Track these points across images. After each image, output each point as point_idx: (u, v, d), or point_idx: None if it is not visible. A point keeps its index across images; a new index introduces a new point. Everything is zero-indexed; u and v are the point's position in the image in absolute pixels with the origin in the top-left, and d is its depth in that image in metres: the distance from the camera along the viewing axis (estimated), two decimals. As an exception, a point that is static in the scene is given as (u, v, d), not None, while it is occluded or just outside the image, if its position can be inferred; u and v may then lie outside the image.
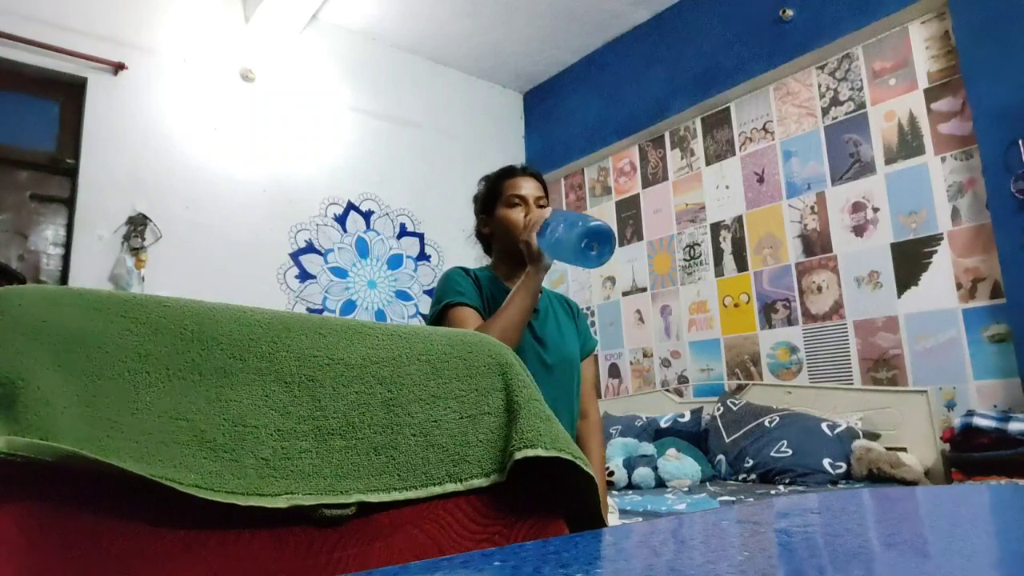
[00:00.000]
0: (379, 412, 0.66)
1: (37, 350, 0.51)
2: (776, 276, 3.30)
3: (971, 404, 2.56)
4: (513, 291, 1.31)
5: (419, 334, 0.73)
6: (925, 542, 0.51)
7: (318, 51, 3.83)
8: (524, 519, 0.71)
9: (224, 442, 0.57)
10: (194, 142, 3.29)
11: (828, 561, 0.43)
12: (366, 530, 0.63)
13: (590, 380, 1.55)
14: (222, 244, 3.28)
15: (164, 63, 3.25)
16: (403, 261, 3.99)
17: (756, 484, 2.66)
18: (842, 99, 3.12)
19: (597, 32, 4.12)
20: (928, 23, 2.85)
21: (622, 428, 3.36)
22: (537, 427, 0.70)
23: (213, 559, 0.55)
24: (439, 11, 3.84)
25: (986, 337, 2.57)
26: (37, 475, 0.48)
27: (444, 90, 4.38)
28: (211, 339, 0.60)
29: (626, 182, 4.12)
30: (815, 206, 3.18)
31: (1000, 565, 0.42)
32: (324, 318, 0.69)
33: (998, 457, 2.22)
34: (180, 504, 0.53)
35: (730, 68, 3.51)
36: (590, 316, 4.21)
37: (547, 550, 0.45)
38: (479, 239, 1.58)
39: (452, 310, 1.34)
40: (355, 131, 3.91)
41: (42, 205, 2.94)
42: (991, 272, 2.57)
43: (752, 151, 3.47)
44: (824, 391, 2.99)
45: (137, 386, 0.55)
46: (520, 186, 1.46)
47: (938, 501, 0.74)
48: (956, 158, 2.72)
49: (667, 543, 0.50)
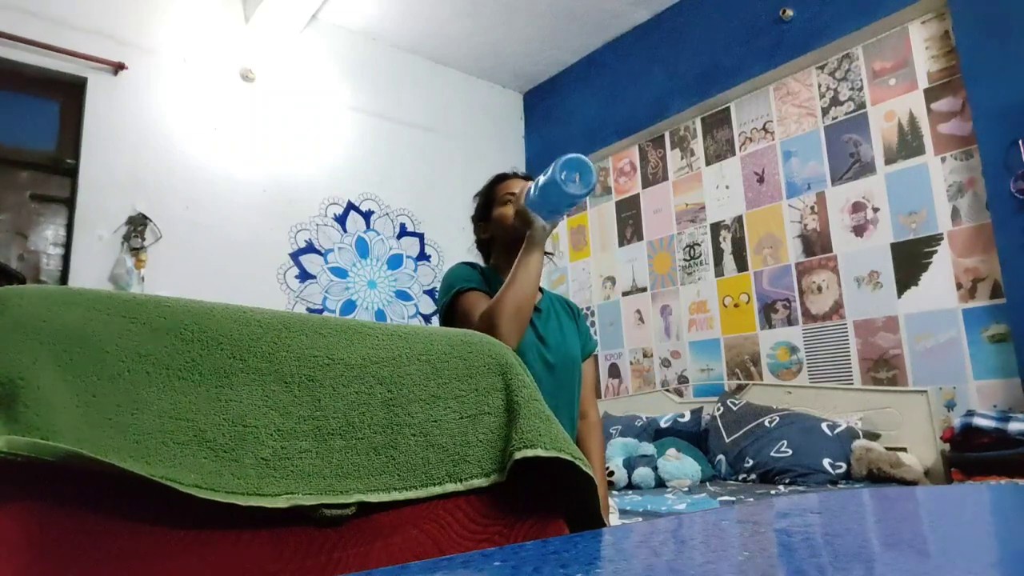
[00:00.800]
0: (379, 412, 0.66)
1: (37, 350, 0.51)
2: (776, 276, 3.30)
3: (971, 404, 2.56)
4: (517, 259, 1.31)
5: (419, 334, 0.73)
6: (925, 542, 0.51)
7: (318, 51, 3.83)
8: (524, 519, 0.71)
9: (224, 442, 0.57)
10: (194, 142, 3.29)
11: (828, 561, 0.43)
12: (366, 530, 0.63)
13: (590, 381, 1.55)
14: (222, 244, 3.28)
15: (164, 63, 3.25)
16: (403, 261, 3.99)
17: (756, 484, 2.66)
18: (842, 99, 3.12)
19: (597, 32, 4.12)
20: (928, 23, 2.85)
21: (622, 428, 3.36)
22: (537, 427, 0.70)
23: (213, 559, 0.55)
24: (439, 11, 3.84)
25: (986, 337, 2.57)
26: (37, 475, 0.48)
27: (444, 90, 4.38)
28: (211, 339, 0.60)
29: (626, 182, 4.12)
30: (815, 206, 3.18)
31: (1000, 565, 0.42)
32: (324, 318, 0.69)
33: (998, 457, 2.22)
34: (180, 504, 0.53)
35: (730, 68, 3.51)
36: (590, 316, 4.21)
37: (547, 550, 0.45)
38: (480, 249, 1.60)
39: (463, 296, 1.36)
40: (355, 131, 3.91)
41: (42, 205, 2.94)
42: (991, 272, 2.57)
43: (752, 151, 3.47)
44: (824, 391, 2.99)
45: (137, 386, 0.55)
46: (512, 186, 1.48)
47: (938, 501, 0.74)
48: (956, 158, 2.72)
49: (667, 543, 0.50)
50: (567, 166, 1.25)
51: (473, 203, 1.59)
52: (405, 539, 0.64)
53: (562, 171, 1.24)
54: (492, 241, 1.53)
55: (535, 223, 1.31)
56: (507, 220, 1.43)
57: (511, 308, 1.24)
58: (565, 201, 1.28)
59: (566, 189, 1.24)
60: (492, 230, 1.50)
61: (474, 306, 1.31)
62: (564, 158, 1.25)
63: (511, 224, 1.41)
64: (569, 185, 1.24)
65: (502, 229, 1.46)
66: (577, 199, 1.27)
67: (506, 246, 1.45)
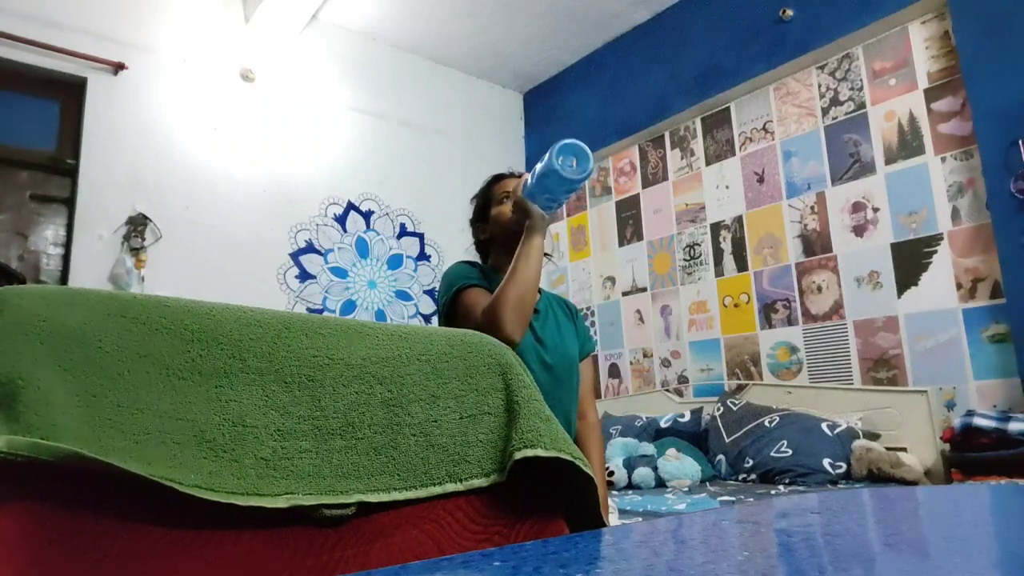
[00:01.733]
0: (379, 412, 0.66)
1: (37, 350, 0.51)
2: (776, 276, 3.30)
3: (971, 404, 2.56)
4: (517, 250, 1.31)
5: (419, 334, 0.73)
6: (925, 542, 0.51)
7: (318, 51, 3.83)
8: (524, 519, 0.71)
9: (224, 442, 0.57)
10: (194, 142, 3.29)
11: (828, 561, 0.43)
12: (366, 530, 0.63)
13: (588, 381, 1.55)
14: (222, 244, 3.28)
15: (164, 63, 3.25)
16: (403, 261, 3.99)
17: (756, 484, 2.66)
18: (842, 99, 3.12)
19: (597, 32, 4.12)
20: (928, 23, 2.85)
21: (622, 428, 3.36)
22: (537, 427, 0.70)
23: (213, 559, 0.55)
24: (439, 11, 3.84)
25: (986, 337, 2.57)
26: (37, 475, 0.48)
27: (444, 90, 4.38)
28: (211, 339, 0.60)
29: (626, 182, 4.12)
30: (815, 206, 3.18)
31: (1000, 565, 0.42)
32: (324, 318, 0.69)
33: (998, 457, 2.22)
34: (180, 504, 0.53)
35: (730, 68, 3.51)
36: (590, 316, 4.21)
37: (547, 550, 0.45)
38: (479, 250, 1.59)
39: (464, 292, 1.35)
40: (355, 131, 3.91)
41: (42, 205, 2.94)
42: (991, 272, 2.57)
43: (752, 151, 3.47)
44: (824, 391, 2.99)
45: (137, 386, 0.55)
46: (508, 185, 1.48)
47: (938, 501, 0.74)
48: (956, 158, 2.72)
49: (667, 543, 0.50)
50: (564, 151, 1.25)
51: (470, 206, 1.59)
52: (405, 539, 0.64)
53: (559, 156, 1.24)
54: (491, 241, 1.52)
55: (533, 212, 1.31)
56: (505, 217, 1.43)
57: (514, 299, 1.24)
58: (563, 187, 1.27)
59: (564, 174, 1.24)
60: (490, 229, 1.50)
61: (476, 302, 1.31)
62: (561, 143, 1.25)
63: (509, 219, 1.40)
64: (566, 170, 1.24)
65: (500, 226, 1.45)
66: (575, 184, 1.27)
67: (505, 244, 1.45)
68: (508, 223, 1.41)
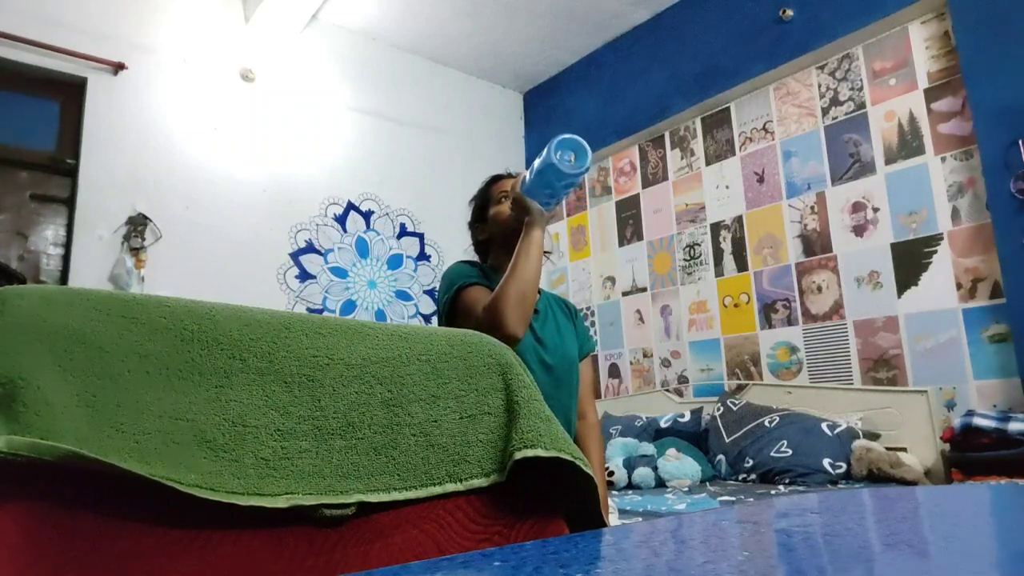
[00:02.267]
0: (379, 412, 0.66)
1: (37, 350, 0.51)
2: (776, 276, 3.30)
3: (971, 404, 2.56)
4: (517, 246, 1.31)
5: (419, 334, 0.73)
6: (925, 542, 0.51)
7: (318, 51, 3.83)
8: (524, 519, 0.71)
9: (224, 442, 0.57)
10: (194, 142, 3.29)
11: (828, 561, 0.43)
12: (366, 530, 0.63)
13: (588, 381, 1.55)
14: (222, 244, 3.28)
15: (164, 63, 3.25)
16: (403, 261, 3.99)
17: (756, 484, 2.66)
18: (842, 99, 3.12)
19: (597, 32, 4.12)
20: (928, 23, 2.85)
21: (622, 428, 3.36)
22: (537, 427, 0.70)
23: (213, 559, 0.55)
24: (439, 11, 3.84)
25: (986, 337, 2.57)
26: (37, 475, 0.48)
27: (444, 90, 4.38)
28: (211, 339, 0.60)
29: (626, 182, 4.12)
30: (815, 206, 3.18)
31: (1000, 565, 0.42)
32: (324, 318, 0.69)
33: (998, 457, 2.22)
34: (180, 504, 0.53)
35: (730, 68, 3.51)
36: (590, 316, 4.21)
37: (547, 550, 0.45)
38: (478, 251, 1.59)
39: (465, 291, 1.35)
40: (355, 131, 3.91)
41: (42, 205, 2.94)
42: (991, 272, 2.57)
43: (752, 151, 3.47)
44: (824, 391, 2.99)
45: (137, 386, 0.55)
46: (506, 185, 1.48)
47: (938, 501, 0.74)
48: (956, 158, 2.72)
49: (667, 543, 0.50)
50: (562, 145, 1.25)
51: (469, 208, 1.59)
52: (405, 539, 0.64)
53: (557, 151, 1.24)
54: (490, 241, 1.52)
55: (532, 208, 1.31)
56: (504, 215, 1.43)
57: (515, 296, 1.24)
58: (562, 182, 1.27)
59: (562, 168, 1.24)
60: (489, 229, 1.50)
61: (477, 300, 1.31)
62: (559, 138, 1.26)
63: (508, 217, 1.40)
64: (565, 164, 1.24)
65: (499, 225, 1.45)
66: (574, 179, 1.27)
67: (504, 243, 1.45)
68: (507, 221, 1.41)
